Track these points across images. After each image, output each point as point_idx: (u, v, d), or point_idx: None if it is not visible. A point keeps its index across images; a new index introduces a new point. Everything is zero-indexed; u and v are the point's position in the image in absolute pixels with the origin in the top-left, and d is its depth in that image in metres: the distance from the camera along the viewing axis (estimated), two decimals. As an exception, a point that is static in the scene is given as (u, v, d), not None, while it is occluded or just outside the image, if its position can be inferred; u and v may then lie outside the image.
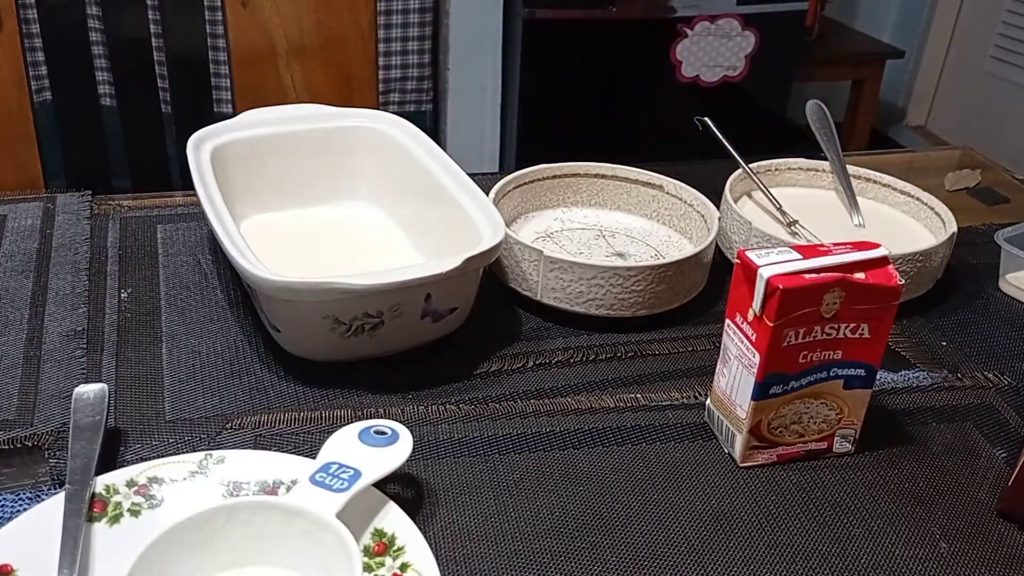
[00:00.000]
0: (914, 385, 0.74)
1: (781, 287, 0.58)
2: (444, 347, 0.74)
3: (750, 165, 0.92)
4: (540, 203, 0.91)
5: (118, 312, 0.77)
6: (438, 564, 0.53)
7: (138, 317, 0.77)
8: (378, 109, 0.98)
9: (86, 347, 0.73)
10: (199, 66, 2.16)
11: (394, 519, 0.56)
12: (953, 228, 0.83)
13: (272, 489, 0.58)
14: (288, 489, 0.58)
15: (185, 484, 0.58)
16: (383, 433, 0.59)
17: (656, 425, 0.68)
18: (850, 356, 0.62)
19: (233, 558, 0.53)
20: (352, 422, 0.61)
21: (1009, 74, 2.80)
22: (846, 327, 0.61)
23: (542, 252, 0.76)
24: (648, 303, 0.77)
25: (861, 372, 0.63)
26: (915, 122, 3.14)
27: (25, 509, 0.57)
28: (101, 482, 0.58)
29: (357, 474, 0.56)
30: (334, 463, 0.56)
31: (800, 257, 0.60)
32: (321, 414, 0.67)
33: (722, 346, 0.64)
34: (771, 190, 0.90)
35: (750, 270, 0.59)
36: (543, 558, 0.57)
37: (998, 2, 2.81)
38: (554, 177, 0.91)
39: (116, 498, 0.57)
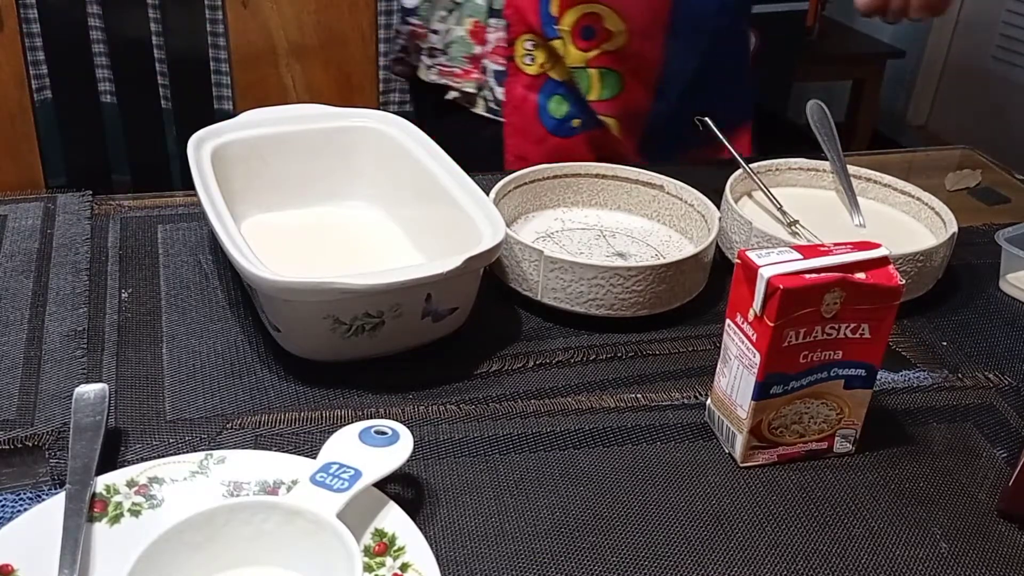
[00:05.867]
0: (914, 385, 0.74)
1: (782, 287, 0.58)
2: (444, 347, 0.74)
3: (750, 165, 0.92)
4: (540, 203, 0.91)
5: (118, 312, 0.77)
6: (438, 564, 0.53)
7: (138, 317, 0.77)
8: (378, 109, 0.97)
9: (86, 347, 0.73)
10: (199, 66, 2.16)
11: (394, 519, 0.56)
12: (954, 228, 0.83)
13: (272, 489, 0.58)
14: (288, 489, 0.58)
15: (185, 484, 0.58)
16: (383, 433, 0.59)
17: (656, 425, 0.68)
18: (850, 356, 0.62)
19: (233, 558, 0.53)
20: (352, 422, 0.61)
21: (1010, 74, 2.80)
22: (846, 327, 0.61)
23: (542, 252, 0.76)
24: (648, 303, 0.77)
25: (861, 372, 0.63)
26: (915, 122, 3.14)
27: (25, 509, 0.57)
28: (101, 482, 0.58)
29: (357, 474, 0.56)
30: (334, 463, 0.56)
31: (800, 257, 0.60)
32: (321, 414, 0.67)
33: (722, 346, 0.64)
34: (771, 190, 0.90)
35: (750, 270, 0.60)
36: (543, 558, 0.57)
37: (998, 2, 2.81)
38: (554, 177, 0.91)
39: (116, 498, 0.57)
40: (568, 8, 1.01)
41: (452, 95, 1.10)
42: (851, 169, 0.94)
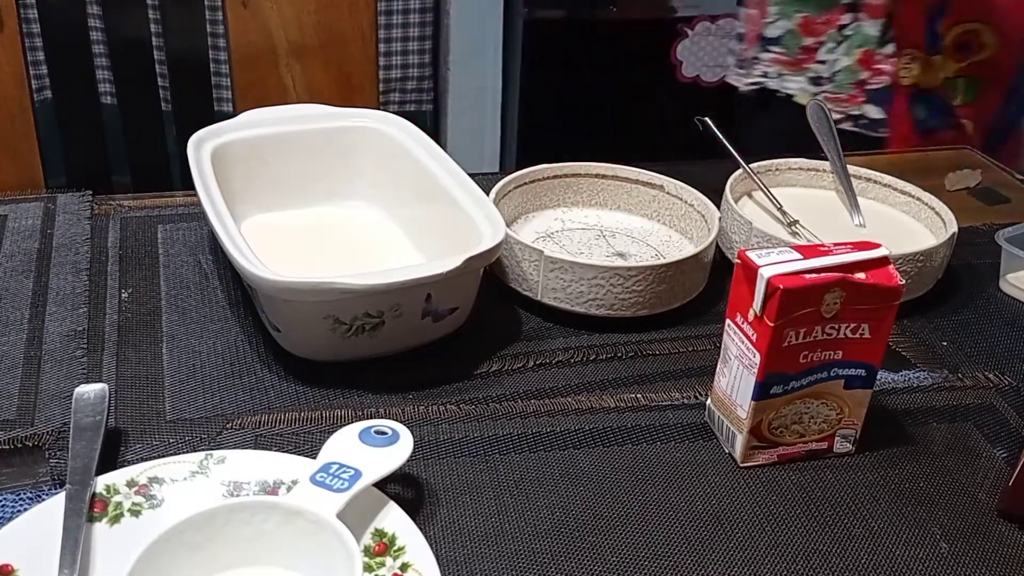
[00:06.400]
0: (914, 385, 0.74)
1: (782, 287, 0.58)
2: (444, 347, 0.74)
3: (750, 165, 0.92)
4: (540, 203, 0.91)
5: (118, 312, 0.77)
6: (438, 564, 0.53)
7: (138, 317, 0.77)
8: (378, 109, 0.97)
9: (86, 347, 0.73)
10: (199, 66, 2.16)
11: (394, 519, 0.56)
12: (954, 228, 0.83)
13: (273, 489, 0.58)
14: (288, 489, 0.58)
15: (186, 484, 0.58)
16: (383, 433, 0.59)
17: (656, 425, 0.68)
18: (850, 356, 0.62)
19: (233, 558, 0.53)
20: (352, 422, 0.61)
21: (1009, 74, 2.79)
22: (846, 327, 0.61)
23: (542, 252, 0.76)
24: (648, 303, 0.77)
25: (861, 372, 0.63)
26: (915, 122, 3.13)
27: (26, 509, 0.57)
28: (102, 482, 0.58)
29: (357, 474, 0.56)
30: (334, 463, 0.56)
31: (800, 257, 0.60)
32: (321, 414, 0.67)
33: (722, 346, 0.64)
34: (771, 190, 0.90)
35: (750, 270, 0.60)
36: (543, 558, 0.57)
37: (998, 2, 2.80)
38: (554, 177, 0.91)
39: (117, 498, 0.57)
40: (954, 25, 1.15)
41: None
42: (851, 169, 0.94)
